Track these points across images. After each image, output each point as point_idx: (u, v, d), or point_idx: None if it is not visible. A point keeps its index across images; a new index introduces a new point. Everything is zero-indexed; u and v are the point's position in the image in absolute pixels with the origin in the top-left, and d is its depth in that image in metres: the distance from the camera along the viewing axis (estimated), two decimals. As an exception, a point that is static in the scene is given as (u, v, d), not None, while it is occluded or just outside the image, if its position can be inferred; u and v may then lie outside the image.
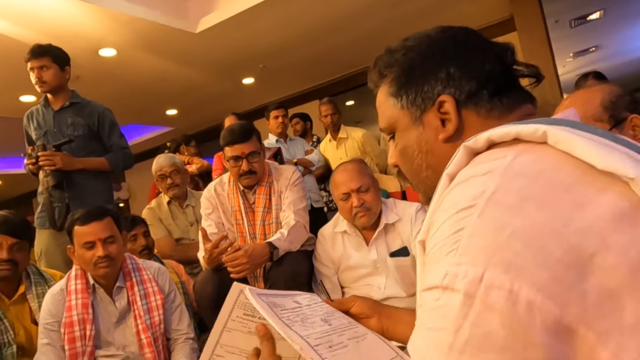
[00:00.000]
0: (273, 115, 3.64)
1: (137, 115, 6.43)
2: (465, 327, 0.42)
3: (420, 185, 0.70)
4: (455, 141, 0.63)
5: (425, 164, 0.67)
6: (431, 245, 0.50)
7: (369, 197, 1.83)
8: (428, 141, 0.66)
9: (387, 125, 0.71)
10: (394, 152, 0.72)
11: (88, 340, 1.68)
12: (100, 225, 1.72)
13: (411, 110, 0.67)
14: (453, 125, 0.63)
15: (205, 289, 1.85)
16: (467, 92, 0.63)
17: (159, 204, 2.96)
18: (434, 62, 0.65)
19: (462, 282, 0.43)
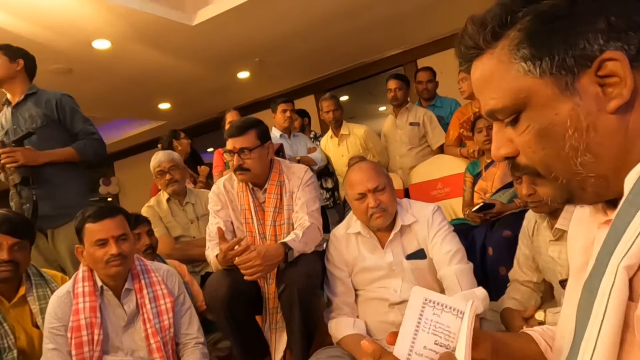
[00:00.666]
0: (281, 109, 3.56)
1: (128, 108, 6.30)
2: None
3: (566, 176, 0.54)
4: (625, 114, 0.50)
5: (584, 144, 0.51)
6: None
7: (385, 197, 1.78)
8: (590, 113, 0.50)
9: (513, 102, 0.54)
10: (521, 136, 0.56)
11: (96, 345, 1.62)
12: (113, 222, 1.65)
13: (558, 77, 0.51)
14: (629, 88, 0.48)
15: (218, 290, 1.79)
16: (637, 47, 0.48)
17: (159, 202, 2.90)
18: (587, 9, 0.50)
19: None
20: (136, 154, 8.09)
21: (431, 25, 5.10)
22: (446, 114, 3.71)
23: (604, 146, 0.51)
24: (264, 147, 2.04)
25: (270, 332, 1.98)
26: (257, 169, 2.03)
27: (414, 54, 5.90)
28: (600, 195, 0.55)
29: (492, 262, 2.31)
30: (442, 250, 1.74)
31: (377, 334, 1.83)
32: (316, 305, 1.87)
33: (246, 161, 1.99)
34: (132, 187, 8.27)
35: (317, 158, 3.51)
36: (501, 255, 2.28)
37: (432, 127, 3.55)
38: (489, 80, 0.56)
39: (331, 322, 1.82)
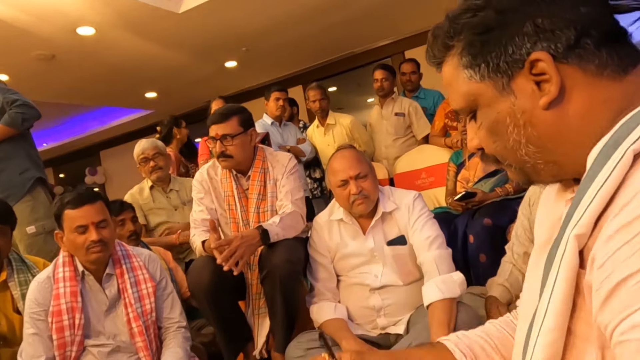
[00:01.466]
0: (274, 97, 3.56)
1: (114, 97, 6.24)
2: None
3: (517, 164, 0.60)
4: (559, 107, 0.54)
5: (524, 138, 0.57)
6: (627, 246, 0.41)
7: (367, 184, 1.80)
8: (525, 111, 0.56)
9: (466, 104, 0.61)
10: (478, 132, 0.62)
11: (77, 330, 1.62)
12: (93, 208, 1.65)
13: (495, 80, 0.57)
14: (556, 85, 0.53)
15: (202, 276, 1.80)
16: (564, 44, 0.52)
17: (141, 189, 2.91)
18: (513, 17, 0.55)
19: None
20: (123, 143, 8.02)
21: (419, 17, 5.11)
22: (429, 106, 3.74)
23: (545, 138, 0.56)
24: (246, 134, 2.04)
25: (253, 317, 2.00)
26: (239, 156, 2.03)
27: (402, 45, 5.91)
28: (556, 176, 0.60)
29: (473, 249, 2.34)
30: (422, 236, 1.76)
31: (358, 318, 1.86)
32: (298, 290, 1.89)
33: (229, 148, 1.99)
34: (119, 177, 8.21)
35: (306, 149, 3.52)
36: (482, 243, 2.32)
37: (417, 118, 3.57)
38: (449, 85, 0.64)
39: (313, 307, 1.84)
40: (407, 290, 1.81)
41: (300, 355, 1.72)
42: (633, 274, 0.40)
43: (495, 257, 2.16)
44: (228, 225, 2.05)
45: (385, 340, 1.80)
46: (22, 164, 2.56)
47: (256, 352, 1.95)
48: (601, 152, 0.48)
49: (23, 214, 2.44)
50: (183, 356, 1.71)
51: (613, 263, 0.42)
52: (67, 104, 6.14)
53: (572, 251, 0.48)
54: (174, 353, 1.71)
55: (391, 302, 1.80)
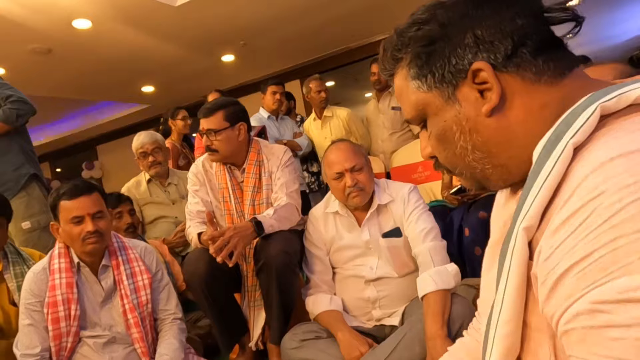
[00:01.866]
0: (271, 91, 3.55)
1: (111, 91, 6.22)
2: None
3: (467, 170, 0.62)
4: (501, 113, 0.56)
5: (470, 145, 0.59)
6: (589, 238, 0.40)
7: (362, 176, 1.80)
8: (469, 118, 0.58)
9: (416, 113, 0.64)
10: (429, 141, 0.64)
11: (73, 321, 1.63)
12: (89, 199, 1.65)
13: (441, 89, 0.59)
14: (496, 93, 0.55)
15: (197, 268, 1.81)
16: (503, 54, 0.55)
17: (138, 182, 2.89)
18: (455, 29, 0.58)
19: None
20: (120, 138, 8.01)
21: (416, 11, 5.09)
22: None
23: (490, 143, 0.58)
24: (233, 129, 2.02)
25: (249, 309, 2.01)
26: (225, 151, 2.02)
27: (399, 40, 5.89)
28: (506, 180, 0.61)
29: (468, 242, 2.35)
30: (417, 229, 1.77)
31: (353, 310, 1.87)
32: (294, 282, 1.90)
33: (214, 142, 2.00)
34: (116, 171, 8.20)
35: (302, 143, 3.52)
36: (477, 235, 2.32)
37: (414, 112, 3.56)
38: (400, 95, 0.66)
39: (308, 299, 1.85)
40: (402, 282, 1.82)
41: (296, 346, 1.73)
42: (576, 263, 0.40)
43: (490, 249, 2.17)
44: (223, 217, 2.05)
45: (380, 332, 1.81)
46: (17, 159, 2.55)
47: (252, 344, 1.96)
48: (544, 147, 0.49)
49: (18, 210, 2.43)
50: (178, 347, 1.72)
51: (557, 255, 0.43)
52: (63, 98, 6.12)
53: (522, 243, 0.49)
54: (169, 344, 1.71)
55: (386, 293, 1.81)
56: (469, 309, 1.62)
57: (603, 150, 0.42)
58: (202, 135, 2.01)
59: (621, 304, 0.36)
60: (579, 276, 0.40)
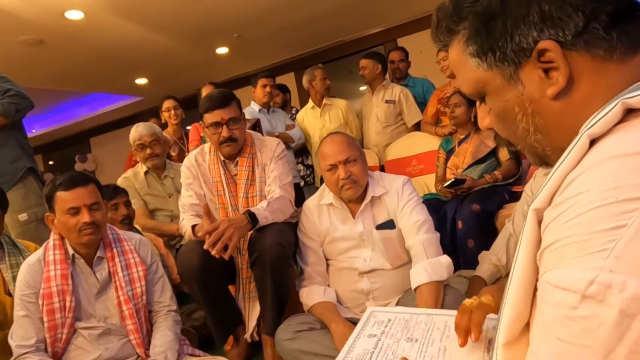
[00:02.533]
0: (261, 84, 3.55)
1: (104, 83, 6.17)
2: (618, 353, 0.35)
3: (528, 149, 0.60)
4: (566, 96, 0.52)
5: (532, 127, 0.56)
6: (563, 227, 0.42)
7: (356, 169, 1.81)
8: (533, 100, 0.54)
9: (474, 90, 0.61)
10: (489, 116, 0.62)
11: (68, 312, 1.63)
12: (86, 191, 1.65)
13: (502, 68, 0.55)
14: (564, 75, 0.51)
15: (191, 260, 1.81)
16: (572, 31, 0.50)
17: (135, 174, 2.87)
18: (518, 4, 0.53)
19: (620, 296, 0.35)
20: (113, 130, 7.96)
21: (412, 4, 5.09)
22: (418, 94, 3.76)
23: (552, 126, 0.55)
24: (244, 118, 2.08)
25: (243, 301, 2.02)
26: (242, 139, 2.06)
27: (394, 33, 5.89)
28: None
29: (462, 235, 2.38)
30: (411, 221, 1.78)
31: (347, 302, 1.88)
32: (288, 274, 1.91)
33: (234, 131, 2.00)
34: (109, 164, 8.16)
35: (295, 135, 3.52)
36: (470, 228, 2.35)
37: (407, 105, 3.58)
38: (456, 69, 0.62)
39: (302, 291, 1.87)
40: (395, 273, 1.84)
41: (290, 337, 1.74)
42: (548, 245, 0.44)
43: (484, 242, 2.20)
44: (217, 211, 2.06)
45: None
46: (13, 153, 2.54)
47: (247, 336, 1.98)
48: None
49: (15, 202, 2.43)
50: (173, 339, 1.73)
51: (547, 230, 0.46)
52: (55, 90, 6.07)
53: (531, 225, 0.49)
54: (164, 336, 1.72)
55: (380, 285, 1.83)
56: (462, 300, 1.64)
57: (608, 146, 0.43)
58: (219, 126, 1.98)
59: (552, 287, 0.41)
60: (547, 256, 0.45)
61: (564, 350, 0.39)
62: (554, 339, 0.40)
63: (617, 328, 0.35)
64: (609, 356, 0.35)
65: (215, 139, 2.01)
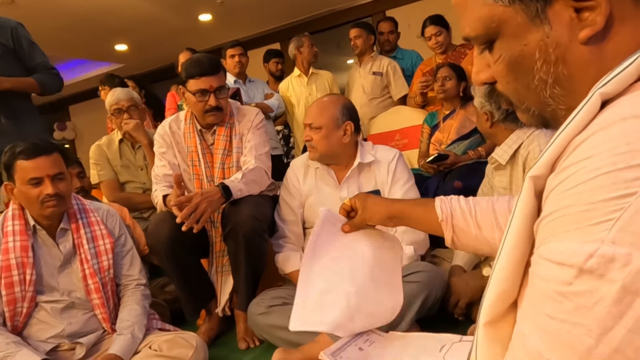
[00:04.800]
0: (229, 54, 3.44)
1: (81, 49, 5.95)
2: (617, 332, 0.31)
3: (537, 107, 0.52)
4: (599, 42, 0.45)
5: (551, 78, 0.48)
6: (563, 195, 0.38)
7: (317, 136, 1.80)
8: (560, 44, 0.46)
9: (484, 31, 0.51)
10: (494, 66, 0.53)
11: (28, 286, 1.55)
12: (49, 160, 1.55)
13: (527, 3, 0.46)
14: (603, 15, 0.43)
15: (160, 232, 1.74)
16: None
17: (110, 142, 2.74)
18: None
19: (623, 271, 0.31)
20: (93, 98, 7.71)
21: (401, -26, 4.95)
22: (407, 66, 3.66)
23: (574, 79, 0.47)
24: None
25: (216, 275, 1.96)
26: (226, 109, 1.98)
27: (382, 5, 5.76)
28: None
29: (442, 211, 2.33)
30: None
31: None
32: (262, 248, 1.85)
33: (221, 101, 1.91)
34: (89, 133, 7.95)
35: (273, 105, 3.42)
36: (451, 205, 2.30)
37: (395, 79, 3.49)
38: (464, 6, 0.53)
39: (278, 256, 1.86)
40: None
41: (263, 312, 1.70)
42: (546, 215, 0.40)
43: (464, 219, 2.15)
44: (191, 181, 1.98)
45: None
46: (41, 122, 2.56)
47: (219, 310, 1.92)
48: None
49: None
50: (141, 313, 1.67)
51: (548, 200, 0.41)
52: (31, 55, 5.84)
53: (526, 191, 0.44)
54: (131, 310, 1.66)
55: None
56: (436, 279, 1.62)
57: (621, 107, 0.37)
58: (206, 94, 1.88)
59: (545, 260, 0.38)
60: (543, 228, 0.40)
61: (554, 329, 0.35)
62: (543, 316, 0.36)
63: (617, 305, 0.31)
64: (606, 336, 0.31)
65: (200, 107, 1.91)
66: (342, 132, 1.81)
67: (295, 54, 3.64)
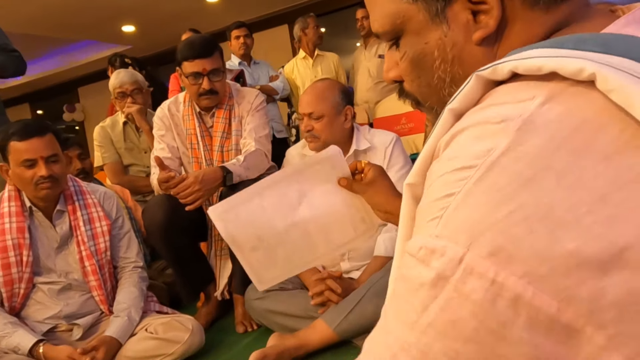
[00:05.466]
0: (234, 35, 3.39)
1: (88, 30, 5.92)
2: (431, 310, 0.36)
3: (439, 106, 0.52)
4: (491, 43, 0.46)
5: (449, 77, 0.49)
6: (423, 199, 0.41)
7: (319, 125, 1.73)
8: (455, 44, 0.47)
9: (390, 28, 0.51)
10: (401, 63, 0.53)
11: (25, 267, 1.56)
12: (42, 141, 1.54)
13: (429, 2, 0.47)
14: (495, 19, 0.44)
15: (156, 215, 1.73)
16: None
17: (114, 124, 2.72)
18: None
19: (440, 260, 0.36)
20: (102, 80, 7.71)
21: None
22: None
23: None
24: (225, 69, 1.95)
25: (215, 258, 1.96)
26: (222, 92, 1.94)
27: (393, -15, 5.63)
28: None
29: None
30: None
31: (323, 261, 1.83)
32: (260, 233, 1.83)
33: (215, 84, 1.87)
34: (98, 114, 7.95)
35: (278, 87, 3.38)
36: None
37: (401, 61, 3.43)
38: (373, 2, 0.53)
39: None
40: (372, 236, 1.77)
41: (259, 297, 1.70)
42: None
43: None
44: (190, 164, 1.96)
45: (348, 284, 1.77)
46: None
47: (217, 294, 1.92)
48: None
49: None
50: (138, 296, 1.67)
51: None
52: (39, 36, 5.82)
53: (406, 198, 0.47)
54: (128, 293, 1.66)
55: (356, 246, 1.77)
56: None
57: (463, 120, 0.40)
58: (199, 77, 1.84)
59: (405, 254, 0.41)
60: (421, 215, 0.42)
61: (398, 304, 0.40)
62: (395, 295, 0.41)
63: (433, 288, 0.36)
64: (424, 312, 0.36)
65: (194, 90, 1.88)
66: (343, 117, 1.77)
67: (300, 35, 3.58)
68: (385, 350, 0.39)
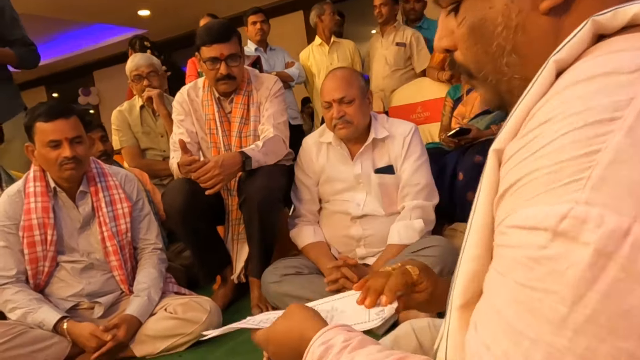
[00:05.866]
0: (251, 21, 3.38)
1: (104, 13, 5.94)
2: (590, 298, 0.29)
3: (494, 75, 0.50)
4: (558, 14, 0.44)
5: (510, 45, 0.47)
6: (524, 163, 0.36)
7: (351, 109, 1.72)
8: (521, 11, 0.45)
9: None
10: (458, 28, 0.51)
11: (49, 245, 1.60)
12: (67, 123, 1.57)
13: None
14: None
15: (175, 199, 1.76)
16: None
17: (131, 107, 2.74)
18: None
19: (596, 232, 0.29)
20: (117, 64, 7.76)
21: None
22: (432, 37, 3.51)
23: (531, 48, 0.47)
24: (243, 54, 1.96)
25: (232, 242, 1.99)
26: (240, 77, 1.94)
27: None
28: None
29: (461, 186, 2.29)
30: (413, 181, 1.77)
31: (338, 247, 1.85)
32: (276, 217, 1.86)
33: (233, 69, 1.88)
34: (113, 98, 8.01)
35: (294, 74, 3.37)
36: (471, 180, 2.26)
37: (418, 50, 3.40)
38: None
39: (292, 232, 1.89)
40: (387, 221, 1.79)
41: (276, 280, 1.72)
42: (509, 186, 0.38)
43: (483, 195, 2.12)
44: (209, 150, 1.98)
45: (363, 271, 1.79)
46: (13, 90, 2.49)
47: (234, 277, 1.95)
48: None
49: None
50: (157, 276, 1.71)
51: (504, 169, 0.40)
52: (55, 18, 5.85)
53: (490, 166, 0.42)
54: (148, 273, 1.70)
55: (371, 232, 1.79)
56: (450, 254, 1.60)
57: (575, 71, 0.37)
58: (217, 62, 1.85)
59: (514, 229, 0.35)
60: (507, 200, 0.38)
61: (525, 298, 0.32)
62: (513, 284, 0.34)
63: (591, 270, 0.29)
64: (579, 303, 0.29)
65: (212, 75, 1.90)
66: (368, 101, 1.79)
67: (317, 22, 3.56)
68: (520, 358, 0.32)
